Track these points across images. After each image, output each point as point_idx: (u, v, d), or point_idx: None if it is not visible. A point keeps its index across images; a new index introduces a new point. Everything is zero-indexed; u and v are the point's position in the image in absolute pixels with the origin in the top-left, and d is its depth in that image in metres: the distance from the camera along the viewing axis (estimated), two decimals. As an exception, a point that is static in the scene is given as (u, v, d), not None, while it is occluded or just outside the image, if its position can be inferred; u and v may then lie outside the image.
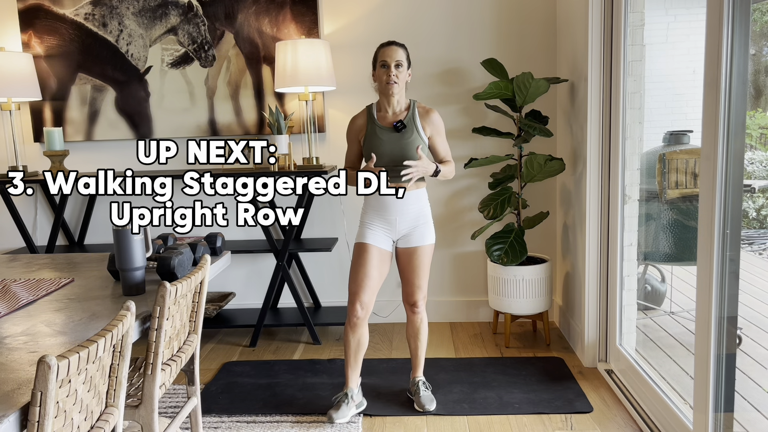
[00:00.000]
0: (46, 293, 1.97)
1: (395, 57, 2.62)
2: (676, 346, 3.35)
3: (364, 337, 2.77)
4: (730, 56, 1.93)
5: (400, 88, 2.66)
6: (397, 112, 2.70)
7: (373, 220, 2.72)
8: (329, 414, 2.71)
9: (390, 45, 2.66)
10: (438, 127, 2.73)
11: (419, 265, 2.75)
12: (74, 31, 3.83)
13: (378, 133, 2.68)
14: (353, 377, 2.80)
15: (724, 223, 1.99)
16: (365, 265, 2.69)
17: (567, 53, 3.51)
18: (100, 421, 1.43)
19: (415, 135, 2.66)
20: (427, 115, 2.70)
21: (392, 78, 2.61)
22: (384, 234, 2.72)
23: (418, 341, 2.87)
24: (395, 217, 2.69)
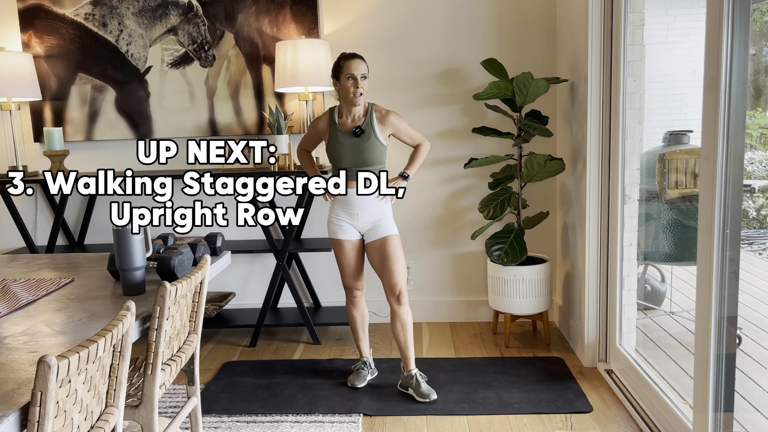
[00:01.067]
0: (46, 293, 1.97)
1: (362, 70, 2.81)
2: (676, 346, 3.35)
3: (365, 310, 3.14)
4: (730, 56, 1.93)
5: (364, 98, 2.87)
6: (356, 119, 2.90)
7: (338, 215, 2.97)
8: (350, 380, 3.10)
9: (355, 58, 2.84)
10: (396, 125, 2.93)
11: (392, 253, 2.92)
12: (74, 31, 3.84)
13: (339, 138, 2.90)
14: (365, 348, 3.17)
15: (724, 223, 1.99)
16: (344, 258, 3.01)
17: (567, 53, 3.51)
18: (100, 421, 1.43)
19: (373, 139, 2.87)
20: (384, 118, 2.90)
21: (359, 90, 2.82)
22: (350, 226, 2.97)
23: (406, 333, 2.98)
24: (357, 211, 2.93)
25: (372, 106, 2.92)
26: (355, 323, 3.13)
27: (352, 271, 3.03)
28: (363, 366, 3.14)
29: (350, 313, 3.12)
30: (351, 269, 3.02)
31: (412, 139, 3.01)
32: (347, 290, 3.08)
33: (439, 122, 3.85)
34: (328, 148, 2.94)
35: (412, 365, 3.00)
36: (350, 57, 2.84)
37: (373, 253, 2.97)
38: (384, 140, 2.90)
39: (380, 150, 2.89)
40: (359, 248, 3.01)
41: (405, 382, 3.00)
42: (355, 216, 2.94)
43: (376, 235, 2.94)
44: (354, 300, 3.09)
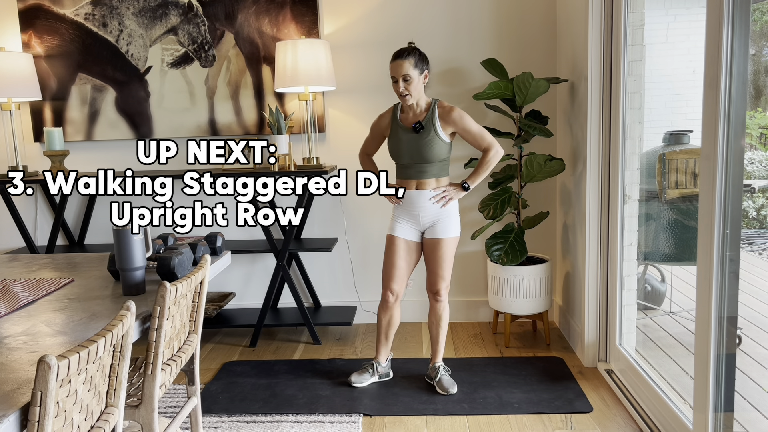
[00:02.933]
0: (46, 293, 1.97)
1: (401, 72, 2.76)
2: (676, 346, 3.35)
3: (395, 318, 3.07)
4: (730, 56, 1.93)
5: (414, 97, 2.81)
6: (418, 113, 2.87)
7: (400, 214, 2.96)
8: (350, 377, 3.09)
9: (396, 59, 2.78)
10: (460, 124, 2.84)
11: (442, 255, 2.92)
12: (74, 31, 3.84)
13: (399, 133, 2.89)
14: (383, 351, 3.12)
15: (724, 223, 1.99)
16: (393, 256, 2.97)
17: (567, 53, 3.51)
18: (100, 421, 1.43)
19: (432, 135, 2.83)
20: (447, 114, 2.83)
21: (401, 92, 2.79)
22: (410, 226, 2.96)
23: (439, 328, 3.02)
24: (418, 212, 2.92)
25: (435, 102, 2.87)
26: (380, 326, 3.07)
27: (395, 271, 2.96)
28: (370, 368, 3.11)
29: (378, 314, 3.08)
30: (395, 269, 2.96)
31: (477, 142, 2.88)
32: (384, 290, 3.01)
33: (439, 122, 3.85)
34: (390, 144, 2.92)
35: (438, 359, 3.06)
36: (393, 57, 2.80)
37: (427, 249, 2.97)
38: (446, 137, 2.84)
39: (441, 146, 2.83)
40: (412, 251, 2.97)
41: (430, 372, 3.07)
42: (416, 216, 2.92)
43: (433, 233, 2.93)
44: (386, 304, 3.02)
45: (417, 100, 2.85)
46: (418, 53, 2.80)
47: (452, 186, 2.92)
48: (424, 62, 2.83)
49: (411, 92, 2.78)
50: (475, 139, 2.87)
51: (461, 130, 2.86)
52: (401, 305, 4.01)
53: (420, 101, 2.86)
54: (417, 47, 2.84)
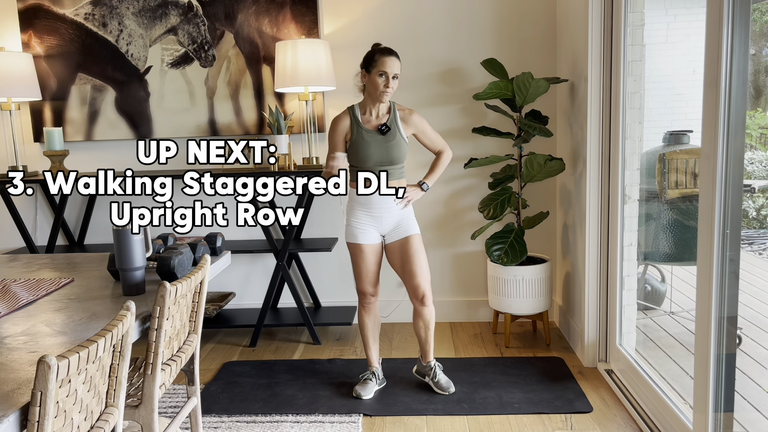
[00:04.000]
0: (46, 293, 1.97)
1: (395, 69, 2.75)
2: (676, 346, 3.35)
3: (377, 316, 3.04)
4: (730, 56, 1.93)
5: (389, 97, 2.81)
6: (380, 116, 2.84)
7: (359, 218, 2.89)
8: (356, 390, 2.99)
9: (391, 55, 2.75)
10: (419, 126, 2.88)
11: (414, 253, 2.87)
12: (74, 31, 3.84)
13: (364, 136, 2.82)
14: (375, 356, 3.06)
15: (724, 223, 1.99)
16: (364, 262, 2.92)
17: (567, 53, 3.51)
18: (100, 421, 1.43)
19: (398, 137, 2.82)
20: (408, 117, 2.85)
21: (389, 90, 2.76)
22: (372, 229, 2.89)
23: (428, 330, 2.97)
24: (381, 213, 2.86)
25: (394, 104, 2.86)
26: (366, 330, 3.02)
27: (370, 276, 2.92)
28: (371, 376, 3.03)
29: (362, 319, 3.02)
30: (369, 275, 2.92)
31: (433, 144, 2.94)
32: (361, 295, 2.97)
33: (439, 122, 3.85)
34: (351, 148, 2.83)
35: (430, 357, 3.02)
36: (386, 53, 2.74)
37: (394, 254, 2.91)
38: (407, 139, 2.85)
39: (405, 148, 2.84)
40: (379, 253, 2.93)
41: (422, 370, 3.04)
42: (378, 218, 2.86)
43: (397, 235, 2.88)
44: (368, 306, 2.98)
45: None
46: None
47: (411, 187, 2.90)
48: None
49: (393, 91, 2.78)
50: (432, 141, 2.93)
51: (420, 132, 2.89)
52: (403, 306, 4.01)
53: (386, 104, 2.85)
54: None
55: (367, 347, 3.05)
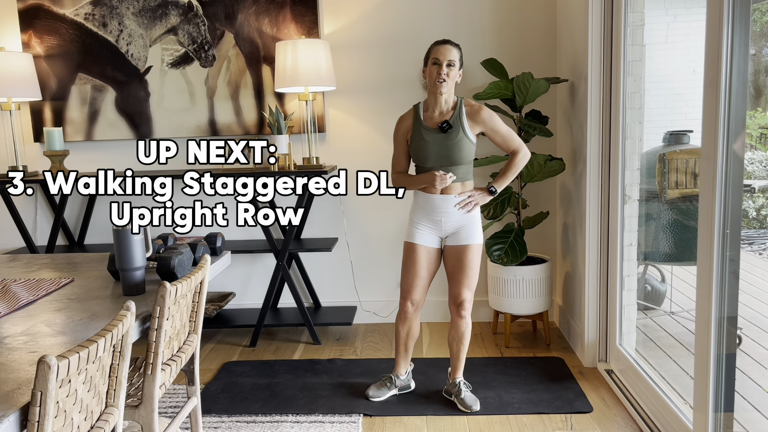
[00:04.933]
0: (46, 293, 1.97)
1: (448, 56, 2.62)
2: (676, 346, 3.35)
3: (414, 329, 2.90)
4: (730, 56, 1.93)
5: (449, 87, 2.66)
6: (444, 112, 2.70)
7: (420, 219, 2.78)
8: (367, 391, 2.95)
9: (445, 44, 2.66)
10: (489, 123, 2.70)
11: (468, 263, 2.74)
12: (74, 31, 3.84)
13: (423, 134, 2.70)
14: (402, 364, 2.96)
15: (724, 223, 1.99)
16: (414, 265, 2.79)
17: (567, 53, 3.51)
18: (100, 421, 1.43)
19: (461, 135, 2.67)
20: (476, 114, 2.69)
21: (442, 75, 2.61)
22: (431, 232, 2.78)
23: (461, 345, 2.84)
24: (440, 218, 2.74)
25: (462, 100, 2.71)
26: (399, 338, 2.90)
27: (415, 280, 2.79)
28: (388, 381, 2.95)
29: (396, 327, 2.90)
30: (415, 278, 2.79)
31: (506, 143, 2.74)
32: (403, 300, 2.83)
33: (439, 122, 3.85)
34: (412, 146, 2.73)
35: (459, 374, 2.89)
36: (441, 42, 2.65)
37: (450, 258, 2.79)
38: (473, 137, 2.69)
39: (469, 148, 2.68)
40: (433, 259, 2.80)
41: (449, 388, 2.90)
42: (438, 222, 2.74)
43: (456, 240, 2.75)
44: (405, 314, 2.84)
45: (447, 96, 2.68)
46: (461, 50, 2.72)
47: (478, 190, 2.76)
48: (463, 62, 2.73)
49: (449, 80, 2.62)
50: (504, 140, 2.73)
51: (490, 130, 2.71)
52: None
53: (449, 98, 2.69)
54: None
55: (396, 354, 2.95)
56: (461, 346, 2.84)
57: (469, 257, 2.74)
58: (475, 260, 2.75)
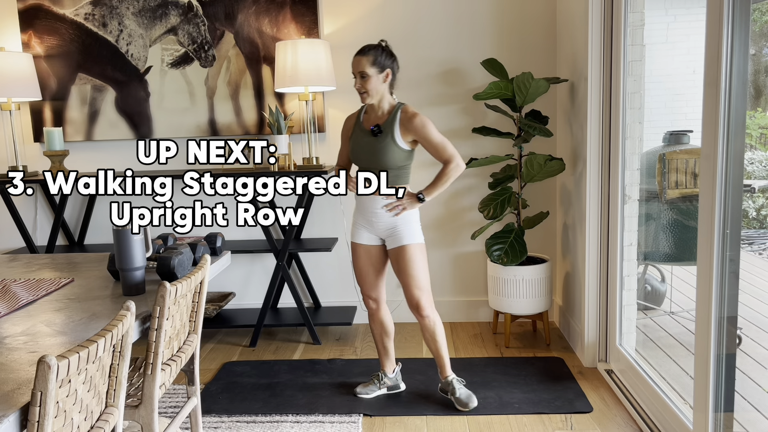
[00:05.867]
0: (46, 293, 1.97)
1: (359, 67, 2.61)
2: (676, 346, 3.35)
3: (386, 326, 2.92)
4: (730, 56, 1.93)
5: (372, 96, 2.64)
6: (380, 116, 2.70)
7: (358, 219, 2.82)
8: (356, 389, 2.99)
9: (357, 55, 2.63)
10: (420, 132, 2.64)
11: (407, 264, 2.71)
12: (74, 31, 3.84)
13: (359, 135, 2.74)
14: (386, 362, 2.99)
15: (724, 223, 1.99)
16: (357, 263, 2.86)
17: (567, 53, 3.51)
18: (100, 421, 1.43)
19: (389, 141, 2.65)
20: (409, 121, 2.64)
21: (358, 89, 2.64)
22: (367, 231, 2.80)
23: (436, 343, 2.82)
24: (372, 218, 2.75)
25: (400, 106, 2.68)
26: (374, 337, 2.96)
27: (363, 278, 2.85)
28: (376, 379, 2.98)
29: (369, 325, 2.98)
30: (361, 276, 2.85)
31: (438, 153, 2.67)
32: (363, 299, 2.92)
33: (439, 122, 3.85)
34: (350, 145, 2.78)
35: (447, 371, 2.87)
36: (356, 54, 2.64)
37: (392, 262, 2.78)
38: (404, 144, 2.66)
39: (398, 154, 2.65)
40: (376, 255, 2.82)
41: (443, 386, 2.90)
42: (371, 222, 2.75)
43: (393, 243, 2.74)
44: (371, 311, 2.91)
45: (378, 101, 2.67)
46: (381, 51, 2.62)
47: (408, 196, 2.70)
48: (388, 61, 2.64)
49: (368, 90, 2.61)
50: (436, 150, 2.66)
51: (421, 138, 2.65)
52: (403, 306, 4.01)
53: (383, 103, 2.68)
54: (384, 45, 2.66)
55: (377, 352, 3.00)
56: (436, 344, 2.82)
57: (407, 257, 2.71)
58: (415, 259, 2.71)
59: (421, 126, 2.64)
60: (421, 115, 2.65)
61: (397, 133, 2.65)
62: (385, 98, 2.69)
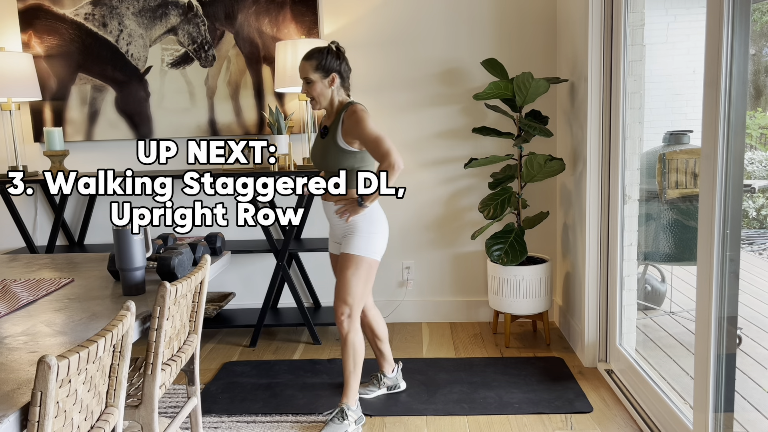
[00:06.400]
0: (46, 293, 1.97)
1: (302, 73, 2.53)
2: (676, 346, 3.35)
3: (376, 328, 2.89)
4: (730, 56, 1.93)
5: (320, 102, 2.56)
6: (330, 117, 2.63)
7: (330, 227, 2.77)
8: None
9: (301, 61, 2.54)
10: (355, 130, 2.49)
11: (342, 272, 2.59)
12: (74, 31, 3.84)
13: (317, 136, 2.69)
14: (383, 364, 2.98)
15: (724, 223, 1.99)
16: (334, 272, 2.83)
17: (567, 53, 3.51)
18: (100, 421, 1.43)
19: (330, 142, 2.56)
20: (346, 121, 2.51)
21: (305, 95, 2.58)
22: (332, 239, 2.77)
23: (345, 364, 2.66)
24: (330, 224, 2.70)
25: (347, 106, 2.55)
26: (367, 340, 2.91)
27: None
28: (375, 379, 2.98)
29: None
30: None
31: (373, 151, 2.47)
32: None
33: (439, 122, 3.85)
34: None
35: (345, 398, 2.67)
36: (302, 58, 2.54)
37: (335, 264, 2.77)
38: (347, 145, 2.51)
39: (340, 155, 2.52)
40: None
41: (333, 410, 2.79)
42: (331, 228, 2.70)
43: (342, 248, 2.63)
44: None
45: (327, 105, 2.58)
46: (326, 55, 2.50)
47: (352, 201, 2.56)
48: (334, 63, 2.52)
49: (315, 96, 2.53)
50: (370, 147, 2.46)
51: (357, 136, 2.48)
52: (403, 306, 4.00)
53: (334, 104, 2.58)
54: (331, 48, 2.54)
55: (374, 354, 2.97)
56: (346, 365, 2.65)
57: (344, 266, 2.58)
58: (350, 271, 2.55)
59: (354, 123, 2.48)
60: (358, 113, 2.49)
61: (339, 134, 2.53)
62: (336, 100, 2.58)
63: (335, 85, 2.55)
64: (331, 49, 2.54)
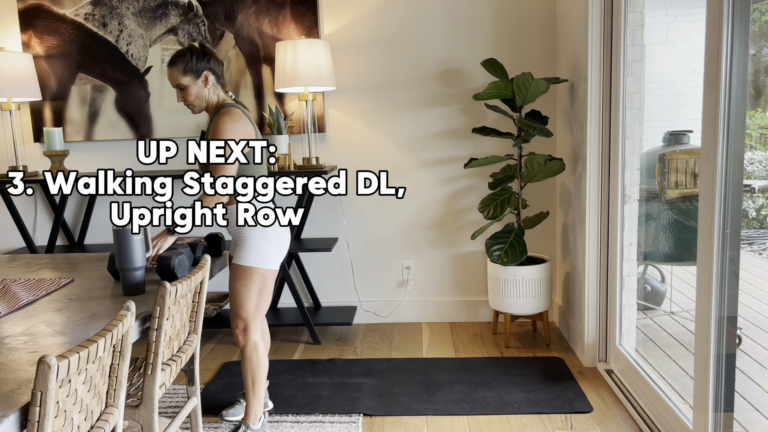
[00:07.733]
0: (46, 293, 1.97)
1: (172, 81, 2.40)
2: (676, 346, 3.35)
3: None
4: (730, 56, 1.93)
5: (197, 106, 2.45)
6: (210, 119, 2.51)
7: None
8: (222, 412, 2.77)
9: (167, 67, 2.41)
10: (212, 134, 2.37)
11: (232, 284, 2.46)
12: (74, 31, 3.84)
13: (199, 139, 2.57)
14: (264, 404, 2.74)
15: (724, 223, 1.99)
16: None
17: (567, 53, 3.51)
18: (100, 421, 1.43)
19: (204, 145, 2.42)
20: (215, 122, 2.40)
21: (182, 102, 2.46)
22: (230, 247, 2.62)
23: (245, 377, 2.50)
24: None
25: (222, 108, 2.42)
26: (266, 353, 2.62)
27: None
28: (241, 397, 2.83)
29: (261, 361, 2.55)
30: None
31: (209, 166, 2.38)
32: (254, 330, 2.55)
33: (439, 122, 3.85)
34: None
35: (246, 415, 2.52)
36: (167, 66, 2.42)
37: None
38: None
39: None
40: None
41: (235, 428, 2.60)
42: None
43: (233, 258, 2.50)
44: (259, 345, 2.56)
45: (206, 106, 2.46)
46: (191, 56, 2.37)
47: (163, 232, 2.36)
48: (203, 63, 2.38)
49: (190, 102, 2.41)
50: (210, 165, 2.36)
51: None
52: (403, 306, 4.00)
53: (212, 106, 2.46)
54: (193, 48, 2.40)
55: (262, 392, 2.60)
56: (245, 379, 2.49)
57: (233, 277, 2.45)
58: (239, 282, 2.42)
59: (215, 126, 2.35)
60: (225, 116, 2.35)
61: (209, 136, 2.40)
62: (213, 101, 2.46)
63: (210, 84, 2.42)
64: (195, 48, 2.40)
